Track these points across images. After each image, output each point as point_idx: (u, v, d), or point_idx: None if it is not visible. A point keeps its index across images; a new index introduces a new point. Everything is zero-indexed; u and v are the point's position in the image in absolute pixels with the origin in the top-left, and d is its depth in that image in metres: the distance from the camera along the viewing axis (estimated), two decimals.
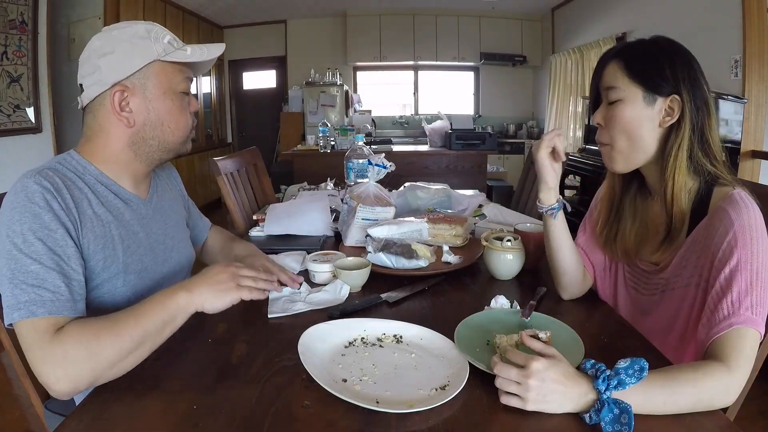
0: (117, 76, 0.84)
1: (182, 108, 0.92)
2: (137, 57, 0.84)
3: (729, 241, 0.76)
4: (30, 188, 0.75)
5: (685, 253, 0.86)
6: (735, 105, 2.78)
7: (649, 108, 0.84)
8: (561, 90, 5.41)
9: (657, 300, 0.93)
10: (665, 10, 3.63)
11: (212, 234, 1.27)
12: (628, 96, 0.85)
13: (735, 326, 0.72)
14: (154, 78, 0.86)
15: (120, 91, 0.84)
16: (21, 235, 0.72)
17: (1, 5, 2.58)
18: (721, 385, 0.67)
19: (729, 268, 0.75)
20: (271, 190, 2.26)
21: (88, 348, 0.69)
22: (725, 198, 0.80)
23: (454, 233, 1.37)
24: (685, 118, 0.83)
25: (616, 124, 0.87)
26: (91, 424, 0.65)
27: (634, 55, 0.86)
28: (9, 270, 0.71)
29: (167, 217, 1.02)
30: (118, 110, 0.85)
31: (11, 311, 0.70)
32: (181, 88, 0.91)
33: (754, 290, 0.73)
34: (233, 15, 6.00)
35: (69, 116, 3.79)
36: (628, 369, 0.63)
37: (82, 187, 0.84)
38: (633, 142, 0.87)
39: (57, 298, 0.72)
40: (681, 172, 0.84)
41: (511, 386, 0.65)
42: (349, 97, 5.98)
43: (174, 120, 0.90)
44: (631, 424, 0.59)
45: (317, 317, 0.92)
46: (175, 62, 0.88)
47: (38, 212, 0.74)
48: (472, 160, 3.75)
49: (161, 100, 0.88)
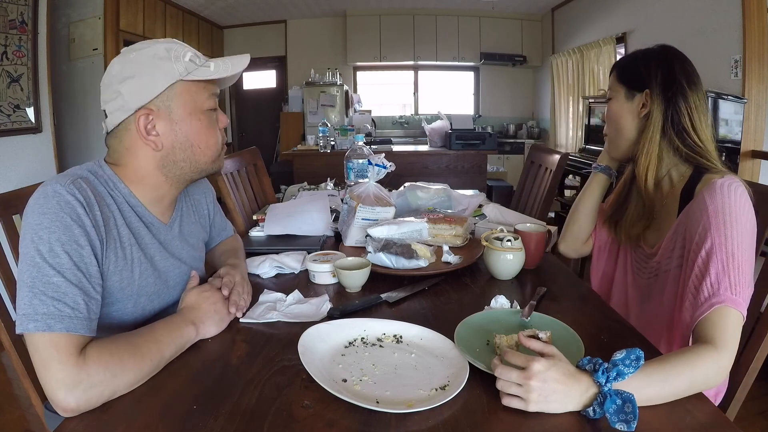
0: (140, 101, 0.81)
1: (210, 126, 0.89)
2: (159, 79, 0.82)
3: (703, 224, 0.82)
4: (63, 196, 0.73)
5: (672, 236, 0.92)
6: (735, 105, 2.78)
7: (629, 102, 1.01)
8: (561, 90, 5.40)
9: (653, 284, 0.99)
10: (665, 10, 3.63)
11: (227, 241, 1.25)
12: (616, 94, 1.03)
13: (716, 306, 0.76)
14: (178, 99, 0.84)
15: (144, 115, 0.82)
16: (48, 243, 0.70)
17: (1, 5, 2.58)
18: (713, 365, 0.70)
19: (704, 250, 0.80)
20: (271, 190, 2.26)
21: (113, 374, 0.69)
22: (707, 184, 0.86)
23: (454, 233, 1.37)
24: (653, 107, 0.96)
25: (608, 117, 1.06)
26: (91, 424, 0.65)
27: (624, 62, 1.04)
28: (30, 277, 0.69)
29: (184, 242, 1.00)
30: (144, 134, 0.83)
31: (27, 320, 0.67)
32: (208, 106, 0.87)
33: (730, 271, 0.77)
34: (233, 15, 6.00)
35: (69, 116, 3.80)
36: (625, 359, 0.64)
37: (110, 203, 0.83)
38: (617, 131, 1.04)
39: (76, 315, 0.70)
40: (646, 154, 0.96)
41: (512, 388, 0.65)
42: (349, 97, 5.98)
43: (203, 139, 0.87)
44: (635, 413, 0.60)
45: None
46: (199, 80, 0.85)
47: (69, 224, 0.72)
48: (472, 160, 3.75)
49: (188, 121, 0.85)
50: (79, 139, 3.86)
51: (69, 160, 3.66)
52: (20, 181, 2.48)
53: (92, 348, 0.70)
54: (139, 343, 0.74)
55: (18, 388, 2.03)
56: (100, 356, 0.69)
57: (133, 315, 0.87)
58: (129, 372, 0.71)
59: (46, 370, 0.66)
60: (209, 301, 0.89)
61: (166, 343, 0.77)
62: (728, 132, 2.83)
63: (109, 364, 0.69)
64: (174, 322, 0.82)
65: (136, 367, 0.72)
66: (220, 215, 1.24)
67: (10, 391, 2.04)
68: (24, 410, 1.90)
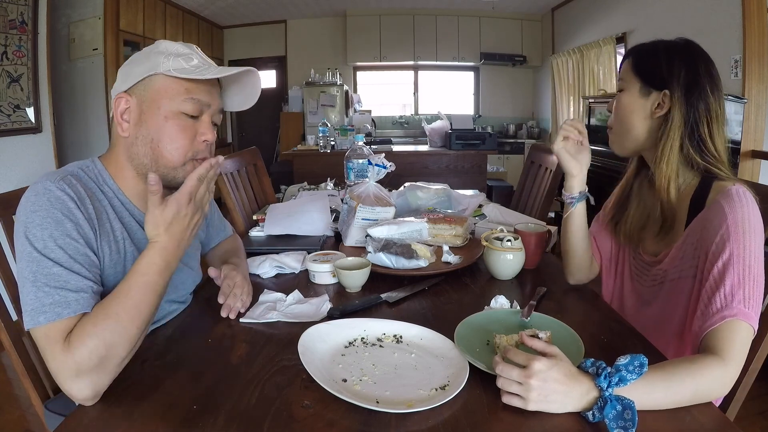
0: (124, 85, 0.84)
1: (180, 130, 0.84)
2: (142, 68, 0.83)
3: (722, 234, 0.78)
4: (53, 193, 0.74)
5: (682, 246, 0.88)
6: (735, 105, 2.78)
7: (643, 99, 0.91)
8: (561, 90, 5.40)
9: (657, 291, 0.95)
10: (665, 10, 3.63)
11: (227, 241, 1.25)
12: (628, 86, 0.93)
13: (728, 319, 0.73)
14: (153, 91, 0.83)
15: (124, 98, 0.83)
16: (42, 240, 0.71)
17: (1, 5, 2.58)
18: (717, 377, 0.69)
19: (722, 261, 0.77)
20: (271, 190, 2.26)
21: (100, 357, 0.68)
22: (722, 192, 0.82)
23: (454, 233, 1.37)
24: (674, 112, 0.88)
25: (615, 110, 0.97)
26: (91, 424, 0.65)
27: (644, 51, 0.93)
28: (31, 273, 0.70)
29: None
30: (118, 118, 0.84)
31: (36, 315, 0.68)
32: (184, 109, 0.84)
33: (746, 284, 0.75)
34: (233, 15, 6.00)
35: (69, 116, 3.79)
36: (629, 365, 0.63)
37: (102, 198, 0.84)
38: (624, 127, 0.95)
39: (80, 297, 0.71)
40: (668, 163, 0.88)
41: (513, 386, 0.65)
42: (349, 97, 5.98)
43: (167, 140, 0.83)
44: (634, 420, 0.60)
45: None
46: (180, 78, 0.82)
47: (61, 219, 0.73)
48: (472, 160, 3.75)
49: (155, 115, 0.83)
50: (79, 139, 3.86)
51: (69, 160, 3.60)
52: (20, 181, 2.48)
53: (74, 335, 0.69)
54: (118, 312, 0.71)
55: (18, 388, 2.03)
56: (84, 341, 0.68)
57: None
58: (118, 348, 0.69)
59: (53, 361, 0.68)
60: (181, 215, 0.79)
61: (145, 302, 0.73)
62: (728, 132, 2.83)
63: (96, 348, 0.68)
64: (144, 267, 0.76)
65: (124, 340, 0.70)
66: (218, 215, 1.24)
67: (10, 391, 2.04)
68: (24, 410, 1.90)
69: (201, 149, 0.87)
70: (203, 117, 0.87)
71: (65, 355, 0.67)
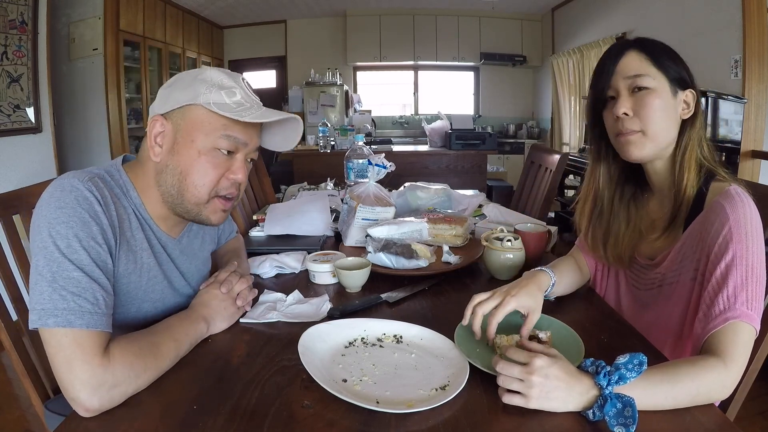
0: (162, 108, 0.83)
1: (212, 167, 0.83)
2: (183, 94, 0.82)
3: (725, 235, 0.76)
4: (81, 192, 0.73)
5: (681, 248, 0.86)
6: (735, 105, 2.78)
7: (673, 99, 0.86)
8: (561, 90, 5.40)
9: (655, 294, 0.93)
10: (665, 10, 3.63)
11: (231, 241, 1.25)
12: (659, 85, 0.85)
13: (731, 320, 0.73)
14: (190, 121, 0.82)
15: (159, 121, 0.82)
16: (66, 238, 0.69)
17: (1, 5, 2.58)
18: (718, 379, 0.68)
19: (725, 262, 0.76)
20: (271, 190, 2.26)
21: (136, 374, 0.69)
22: (722, 193, 0.80)
23: (454, 233, 1.37)
24: (698, 112, 0.86)
25: (650, 111, 0.84)
26: (91, 424, 0.65)
27: (655, 47, 0.87)
28: (50, 272, 0.68)
29: (194, 256, 1.00)
30: (152, 139, 0.83)
31: (46, 316, 0.66)
32: (219, 145, 0.82)
33: (749, 285, 0.74)
34: (233, 15, 6.00)
35: (69, 116, 3.79)
36: (628, 363, 0.63)
37: (126, 206, 0.83)
38: (662, 130, 0.86)
39: (95, 310, 0.69)
40: (691, 166, 0.86)
41: (514, 384, 0.65)
42: (349, 97, 5.98)
43: (195, 175, 0.82)
44: (635, 417, 0.60)
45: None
46: (217, 113, 0.81)
47: (87, 220, 0.72)
48: (472, 160, 3.75)
49: (188, 147, 0.82)
50: (79, 139, 3.86)
51: (69, 160, 3.66)
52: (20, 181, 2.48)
53: (115, 347, 0.70)
54: (158, 342, 0.76)
55: (18, 388, 2.03)
56: (124, 356, 0.69)
57: (135, 318, 0.87)
58: (150, 371, 0.72)
59: (69, 371, 0.65)
60: (218, 298, 0.92)
61: (182, 341, 0.80)
62: (728, 132, 2.83)
63: (134, 365, 0.69)
64: (189, 319, 0.85)
65: (156, 366, 0.74)
66: (229, 221, 1.24)
67: (10, 391, 2.04)
68: (24, 410, 1.90)
69: (227, 186, 0.86)
70: (238, 155, 0.86)
71: (103, 369, 0.66)
